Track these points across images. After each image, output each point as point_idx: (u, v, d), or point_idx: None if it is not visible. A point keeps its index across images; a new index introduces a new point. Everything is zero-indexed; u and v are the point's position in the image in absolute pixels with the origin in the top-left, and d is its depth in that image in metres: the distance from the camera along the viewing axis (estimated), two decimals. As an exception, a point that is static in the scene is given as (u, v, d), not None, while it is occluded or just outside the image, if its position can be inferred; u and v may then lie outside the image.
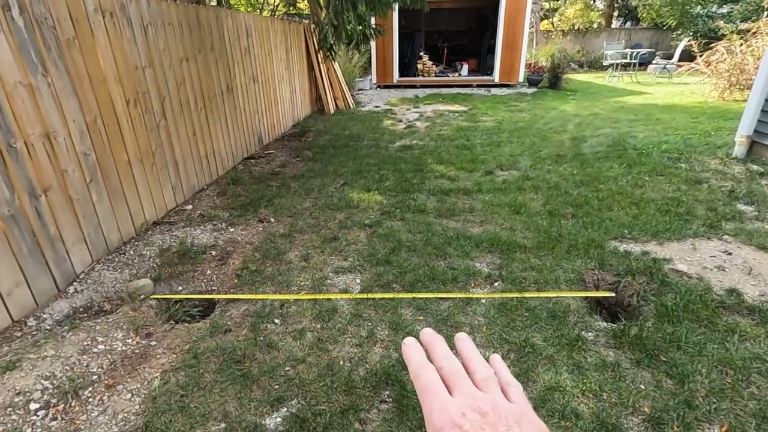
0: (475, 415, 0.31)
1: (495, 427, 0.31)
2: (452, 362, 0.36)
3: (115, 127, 3.01)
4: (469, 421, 0.31)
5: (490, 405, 0.32)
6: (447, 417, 0.32)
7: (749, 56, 7.49)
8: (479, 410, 0.32)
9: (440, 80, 11.97)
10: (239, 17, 5.04)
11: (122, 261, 2.85)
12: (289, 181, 4.44)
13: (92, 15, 2.75)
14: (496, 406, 0.32)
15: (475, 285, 2.55)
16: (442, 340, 0.38)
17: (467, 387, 0.34)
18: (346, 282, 2.63)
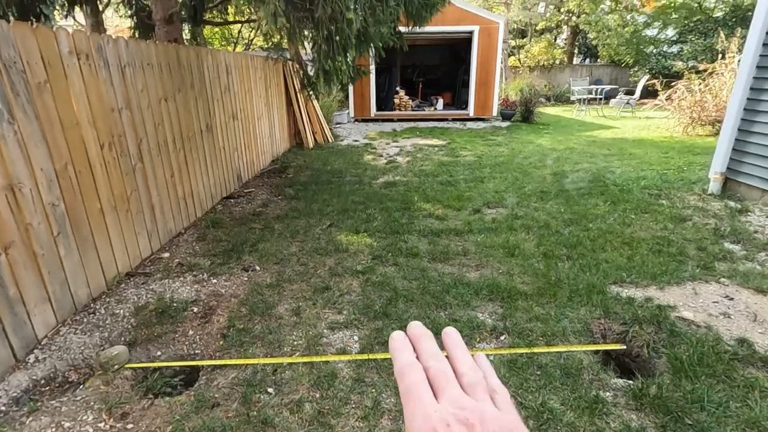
0: (460, 428, 0.29)
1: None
2: (440, 363, 0.34)
3: (87, 173, 2.78)
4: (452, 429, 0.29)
5: (478, 416, 0.30)
6: (430, 426, 0.29)
7: (708, 94, 7.98)
8: (466, 422, 0.29)
9: (417, 114, 12.17)
10: (219, 55, 4.95)
11: (92, 322, 2.57)
12: (273, 223, 4.25)
13: (66, 57, 2.58)
14: (484, 417, 0.30)
15: (481, 339, 2.42)
16: (431, 337, 0.36)
17: (454, 392, 0.32)
18: (343, 340, 2.45)
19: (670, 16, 17.57)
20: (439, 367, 0.33)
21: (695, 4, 17.18)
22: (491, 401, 0.32)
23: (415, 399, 0.31)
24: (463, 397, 0.31)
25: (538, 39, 21.41)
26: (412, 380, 0.32)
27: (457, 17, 10.45)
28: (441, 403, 0.31)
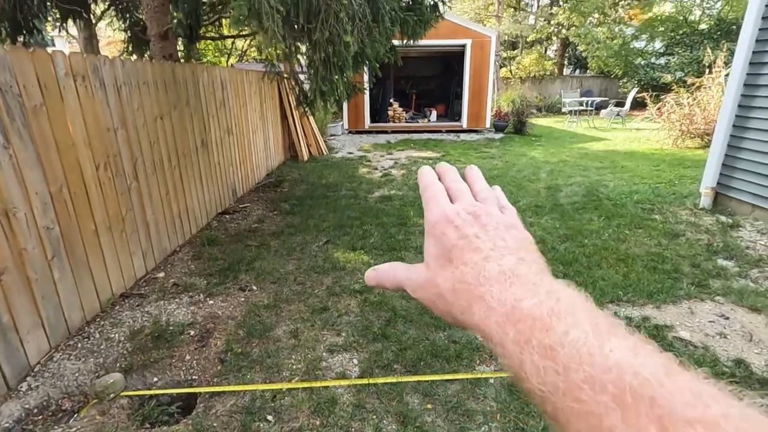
0: (468, 216, 0.34)
1: (485, 227, 0.33)
2: (459, 184, 0.39)
3: (82, 194, 2.76)
4: (461, 219, 0.34)
5: (485, 212, 0.35)
6: (442, 213, 0.35)
7: (696, 108, 8.14)
8: (473, 213, 0.35)
9: (411, 126, 12.25)
10: (215, 71, 4.95)
11: (86, 347, 2.53)
12: (269, 240, 4.23)
13: (63, 79, 2.56)
14: (490, 214, 0.35)
15: (481, 362, 2.41)
16: (455, 170, 0.41)
17: (468, 199, 0.37)
18: (343, 363, 2.43)
19: (656, 29, 17.96)
20: (458, 186, 0.38)
21: (681, 18, 17.60)
22: (499, 210, 0.37)
23: (434, 201, 0.36)
24: (475, 202, 0.36)
25: (528, 51, 21.75)
26: (434, 191, 0.38)
27: (450, 31, 10.58)
28: (455, 204, 0.36)
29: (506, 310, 0.27)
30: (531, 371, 0.25)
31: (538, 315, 0.26)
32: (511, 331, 0.27)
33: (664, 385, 0.21)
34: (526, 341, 0.26)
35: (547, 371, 0.24)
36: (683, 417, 0.19)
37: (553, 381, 0.24)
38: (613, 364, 0.22)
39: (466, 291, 0.30)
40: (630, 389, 0.21)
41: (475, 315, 0.29)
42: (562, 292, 0.28)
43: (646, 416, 0.20)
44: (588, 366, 0.23)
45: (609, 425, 0.21)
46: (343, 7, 2.85)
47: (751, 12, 4.17)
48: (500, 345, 0.27)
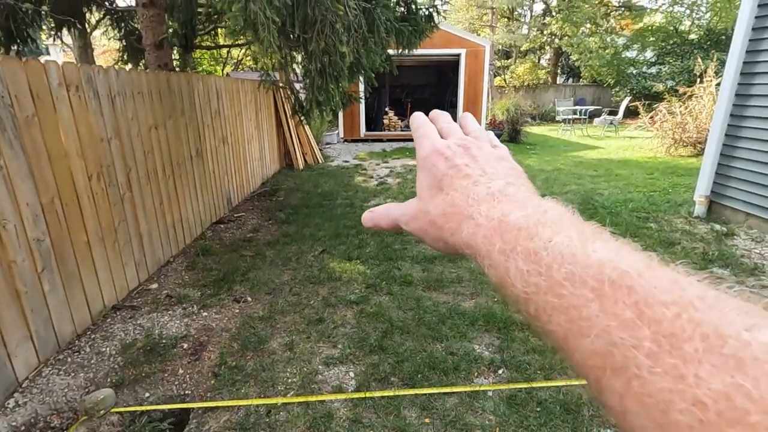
0: (458, 148, 0.35)
1: (475, 158, 0.34)
2: (452, 125, 0.39)
3: (74, 205, 2.72)
4: (451, 151, 0.35)
5: (475, 145, 0.35)
6: (432, 146, 0.36)
7: (688, 117, 8.23)
8: (463, 145, 0.35)
9: (406, 134, 12.27)
10: (210, 81, 4.94)
11: (76, 361, 2.47)
12: (264, 249, 4.19)
13: (56, 90, 2.54)
14: (480, 147, 0.35)
15: (479, 374, 2.39)
16: (448, 114, 0.41)
17: (459, 134, 0.38)
18: (339, 376, 2.39)
19: (647, 38, 18.24)
20: (450, 126, 0.39)
21: (671, 28, 17.89)
22: (490, 146, 0.37)
23: (425, 137, 0.37)
24: (465, 136, 0.37)
25: (522, 60, 21.97)
26: (426, 129, 0.38)
27: (445, 41, 10.67)
28: (446, 140, 0.37)
29: (493, 224, 0.28)
30: (515, 276, 0.25)
31: (524, 225, 0.27)
32: (498, 241, 0.27)
33: (643, 275, 0.21)
34: (511, 249, 0.26)
35: (531, 273, 0.25)
36: (658, 300, 0.20)
37: (535, 281, 0.24)
38: (595, 261, 0.23)
39: (455, 213, 0.31)
40: (608, 281, 0.21)
41: (463, 232, 0.30)
42: (550, 205, 0.29)
43: (623, 303, 0.21)
44: (570, 264, 0.23)
45: (587, 315, 0.21)
46: (339, 18, 2.86)
47: (741, 23, 4.23)
48: (487, 257, 0.28)
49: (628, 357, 0.19)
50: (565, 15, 18.78)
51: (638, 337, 0.19)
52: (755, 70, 4.17)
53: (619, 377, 0.20)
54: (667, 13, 18.52)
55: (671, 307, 0.19)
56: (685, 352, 0.18)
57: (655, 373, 0.18)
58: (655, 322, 0.19)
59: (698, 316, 0.19)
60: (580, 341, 0.22)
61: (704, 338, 0.18)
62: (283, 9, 2.52)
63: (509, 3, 19.97)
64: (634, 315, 0.20)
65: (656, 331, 0.19)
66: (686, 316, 0.19)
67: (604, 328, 0.21)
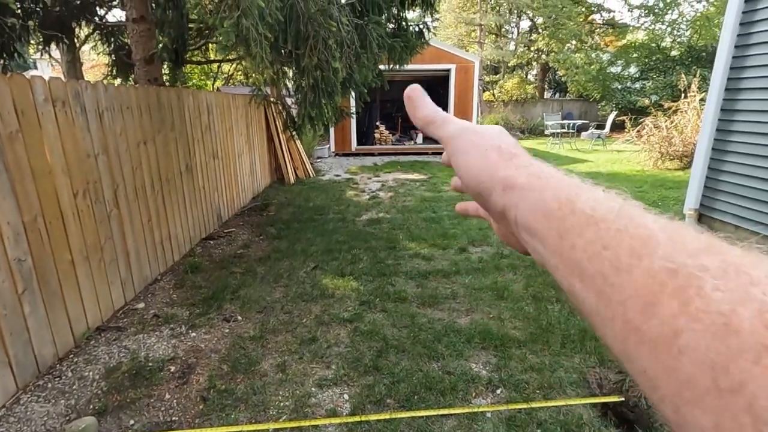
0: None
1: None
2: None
3: (58, 223, 2.63)
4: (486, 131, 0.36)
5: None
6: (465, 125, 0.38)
7: (674, 130, 8.39)
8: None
9: (397, 148, 12.34)
10: (201, 96, 4.91)
11: (57, 387, 2.36)
12: (255, 266, 4.11)
13: (41, 105, 2.48)
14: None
15: (477, 394, 2.33)
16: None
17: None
18: (333, 399, 2.31)
19: (631, 55, 18.72)
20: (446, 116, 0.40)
21: (653, 45, 18.40)
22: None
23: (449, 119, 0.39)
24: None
25: (510, 75, 22.37)
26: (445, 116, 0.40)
27: (435, 57, 10.82)
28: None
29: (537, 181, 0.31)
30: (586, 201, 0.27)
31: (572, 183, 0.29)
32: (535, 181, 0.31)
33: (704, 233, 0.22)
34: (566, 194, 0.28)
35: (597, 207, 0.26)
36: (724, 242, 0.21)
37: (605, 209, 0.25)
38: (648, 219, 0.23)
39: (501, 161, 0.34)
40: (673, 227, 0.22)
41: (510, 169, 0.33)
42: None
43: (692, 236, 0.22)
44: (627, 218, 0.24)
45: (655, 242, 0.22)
46: (332, 34, 2.86)
47: (724, 41, 4.34)
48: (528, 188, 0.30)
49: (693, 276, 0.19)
50: (551, 32, 19.23)
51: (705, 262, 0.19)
52: (739, 86, 4.26)
53: (677, 298, 0.19)
54: (649, 31, 19.07)
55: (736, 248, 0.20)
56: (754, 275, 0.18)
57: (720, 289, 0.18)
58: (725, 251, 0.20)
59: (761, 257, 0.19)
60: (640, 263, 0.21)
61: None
62: (276, 25, 2.51)
63: (497, 20, 20.41)
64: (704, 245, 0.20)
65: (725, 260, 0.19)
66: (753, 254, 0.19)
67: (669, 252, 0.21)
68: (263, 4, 2.29)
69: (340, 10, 2.90)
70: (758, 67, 4.07)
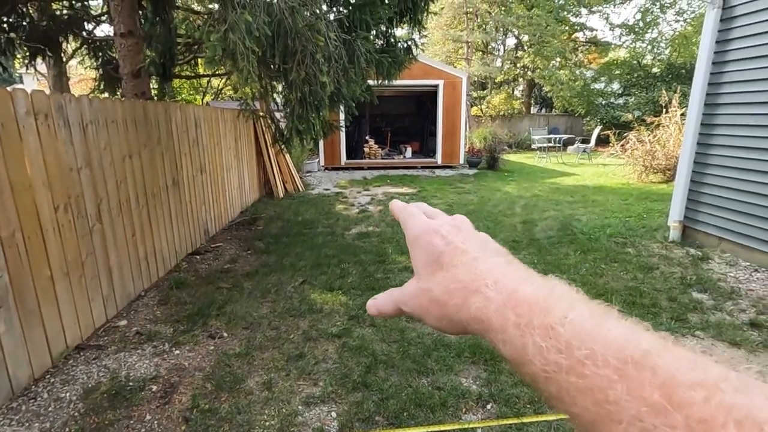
0: (450, 228, 0.36)
1: (468, 237, 0.35)
2: (434, 209, 0.41)
3: (37, 239, 2.56)
4: (445, 229, 0.36)
5: (466, 227, 0.37)
6: (425, 225, 0.37)
7: (657, 145, 8.59)
8: (455, 225, 0.37)
9: (386, 162, 12.40)
10: (188, 109, 4.89)
11: (31, 409, 2.26)
12: (242, 281, 4.04)
13: (23, 118, 2.44)
14: (469, 229, 0.37)
15: (467, 410, 2.29)
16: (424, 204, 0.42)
17: (445, 216, 0.39)
18: (320, 417, 2.26)
19: (613, 71, 19.26)
20: (432, 210, 0.40)
21: (635, 62, 18.95)
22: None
23: (413, 216, 0.38)
24: (453, 218, 0.38)
25: (497, 91, 22.78)
26: (412, 210, 0.40)
27: (423, 72, 10.97)
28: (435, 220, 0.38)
29: (503, 298, 0.28)
30: (534, 352, 0.25)
31: (535, 300, 0.27)
32: (511, 315, 0.27)
33: (663, 355, 0.21)
34: (526, 324, 0.26)
35: (550, 350, 0.24)
36: (684, 382, 0.20)
37: (555, 360, 0.24)
38: (613, 340, 0.23)
39: (461, 289, 0.31)
40: (631, 361, 0.21)
41: (471, 307, 0.29)
42: (555, 282, 0.29)
43: (650, 384, 0.20)
44: (590, 342, 0.23)
45: (615, 398, 0.21)
46: (319, 49, 2.88)
47: (701, 60, 4.48)
48: (501, 331, 0.27)
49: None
50: (536, 49, 19.69)
51: (671, 425, 0.19)
52: (718, 102, 4.39)
53: None
54: (630, 49, 19.65)
55: (698, 390, 0.19)
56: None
57: None
58: (686, 405, 0.19)
59: (727, 401, 0.19)
60: (610, 427, 0.21)
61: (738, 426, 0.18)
62: (263, 39, 2.53)
63: (483, 38, 20.86)
64: (663, 399, 0.20)
65: (689, 416, 0.19)
66: (715, 401, 0.19)
67: (635, 414, 0.20)
68: (250, 18, 2.30)
69: (327, 26, 2.93)
70: (735, 83, 4.20)
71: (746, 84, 4.08)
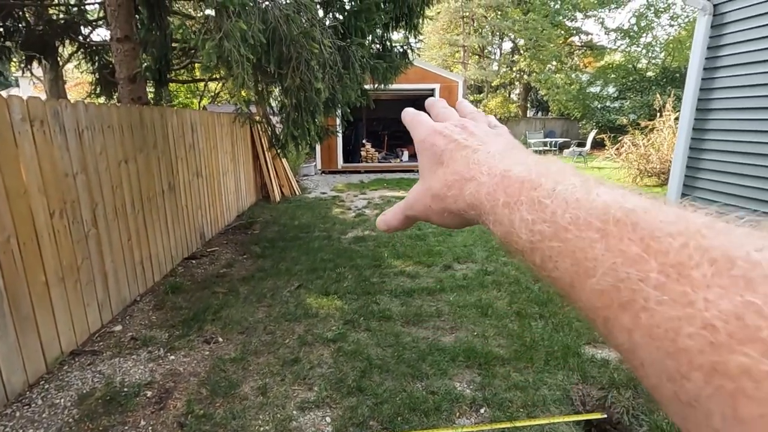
0: (455, 127, 0.35)
1: (473, 134, 0.34)
2: (448, 110, 0.39)
3: (32, 244, 2.57)
4: (449, 130, 0.34)
5: (472, 124, 0.35)
6: (430, 128, 0.35)
7: (651, 148, 8.66)
8: (461, 125, 0.35)
9: (383, 166, 12.43)
10: (185, 114, 4.90)
11: (25, 416, 2.26)
12: (238, 285, 4.05)
13: (18, 125, 2.45)
14: (477, 125, 0.35)
15: (461, 414, 2.31)
16: (443, 101, 0.40)
17: (456, 117, 0.37)
18: (315, 422, 2.26)
19: (609, 75, 19.38)
20: (446, 111, 0.38)
21: (630, 66, 19.09)
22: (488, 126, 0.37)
23: (420, 124, 0.37)
24: (462, 118, 0.37)
25: (494, 94, 22.89)
26: (420, 117, 0.38)
27: (420, 76, 11.03)
28: (443, 123, 0.36)
29: (496, 180, 0.28)
30: (520, 227, 0.25)
31: (527, 177, 0.26)
32: (501, 195, 0.27)
33: (648, 211, 0.21)
34: (515, 201, 0.26)
35: (535, 222, 0.24)
36: (664, 232, 0.19)
37: (540, 229, 0.24)
38: (599, 203, 0.22)
39: (457, 180, 0.31)
40: (613, 219, 0.21)
41: (466, 194, 0.29)
42: (552, 160, 0.28)
43: (629, 239, 0.20)
44: (574, 209, 0.23)
45: (593, 255, 0.21)
46: (314, 56, 2.91)
47: (693, 64, 4.53)
48: (491, 212, 0.27)
49: (635, 290, 0.19)
50: (532, 53, 19.82)
51: (645, 270, 0.19)
52: (709, 107, 4.43)
53: (626, 312, 0.19)
54: (626, 53, 19.80)
55: (678, 238, 0.19)
56: (693, 278, 0.18)
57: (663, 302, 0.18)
58: (662, 253, 0.19)
59: (706, 243, 0.18)
60: (585, 282, 0.21)
61: (712, 263, 0.17)
62: (258, 47, 2.55)
63: (479, 42, 20.98)
64: (640, 249, 0.19)
65: (663, 262, 0.19)
66: (693, 244, 0.18)
67: (610, 266, 0.20)
68: (245, 26, 2.32)
69: (322, 33, 2.96)
70: (726, 88, 4.25)
71: (737, 90, 4.13)
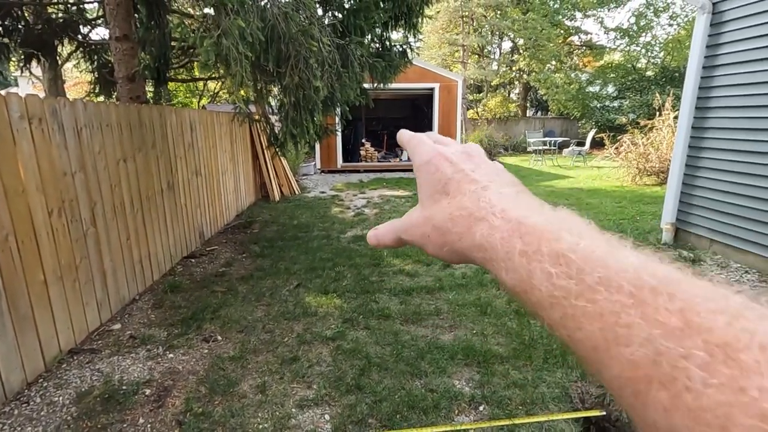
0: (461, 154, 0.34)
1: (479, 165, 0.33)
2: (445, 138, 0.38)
3: (31, 243, 2.57)
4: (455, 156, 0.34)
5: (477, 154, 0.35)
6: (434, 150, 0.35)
7: (651, 147, 8.66)
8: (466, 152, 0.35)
9: (383, 165, 12.43)
10: (184, 113, 4.89)
11: (24, 414, 2.26)
12: (237, 284, 4.05)
13: (17, 122, 2.44)
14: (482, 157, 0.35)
15: (460, 412, 2.31)
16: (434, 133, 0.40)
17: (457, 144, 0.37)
18: (314, 420, 2.26)
19: (608, 75, 19.38)
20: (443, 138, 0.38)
21: (629, 65, 19.09)
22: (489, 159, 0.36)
23: (422, 144, 0.36)
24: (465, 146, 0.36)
25: (493, 94, 22.88)
26: (420, 137, 0.37)
27: (419, 76, 11.02)
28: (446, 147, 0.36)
29: (511, 226, 0.27)
30: (540, 279, 0.23)
31: (545, 229, 0.25)
32: (518, 243, 0.25)
33: (682, 283, 0.20)
34: (534, 251, 0.24)
35: (559, 276, 0.23)
36: (704, 308, 0.18)
37: (564, 285, 0.22)
38: (628, 266, 0.21)
39: (465, 216, 0.30)
40: (648, 287, 0.20)
41: (476, 234, 0.28)
42: (567, 213, 0.27)
43: (666, 309, 0.19)
44: (602, 269, 0.22)
45: (627, 322, 0.20)
46: (313, 54, 2.91)
47: (692, 63, 4.53)
48: (505, 259, 0.26)
49: (677, 367, 0.18)
50: (531, 53, 19.81)
51: (688, 346, 0.18)
52: (708, 105, 4.44)
53: (665, 390, 0.18)
54: (625, 52, 19.80)
55: (720, 316, 0.18)
56: (743, 362, 0.17)
57: (711, 385, 0.17)
58: (706, 330, 0.18)
59: (751, 326, 0.17)
60: (616, 350, 0.20)
61: (763, 349, 0.17)
62: (257, 44, 2.55)
63: (479, 41, 20.96)
64: (681, 323, 0.18)
65: (707, 340, 0.17)
66: (739, 326, 0.17)
67: (647, 336, 0.19)
68: (244, 24, 2.32)
69: (321, 31, 2.96)
70: (725, 87, 4.25)
71: (736, 88, 4.13)
